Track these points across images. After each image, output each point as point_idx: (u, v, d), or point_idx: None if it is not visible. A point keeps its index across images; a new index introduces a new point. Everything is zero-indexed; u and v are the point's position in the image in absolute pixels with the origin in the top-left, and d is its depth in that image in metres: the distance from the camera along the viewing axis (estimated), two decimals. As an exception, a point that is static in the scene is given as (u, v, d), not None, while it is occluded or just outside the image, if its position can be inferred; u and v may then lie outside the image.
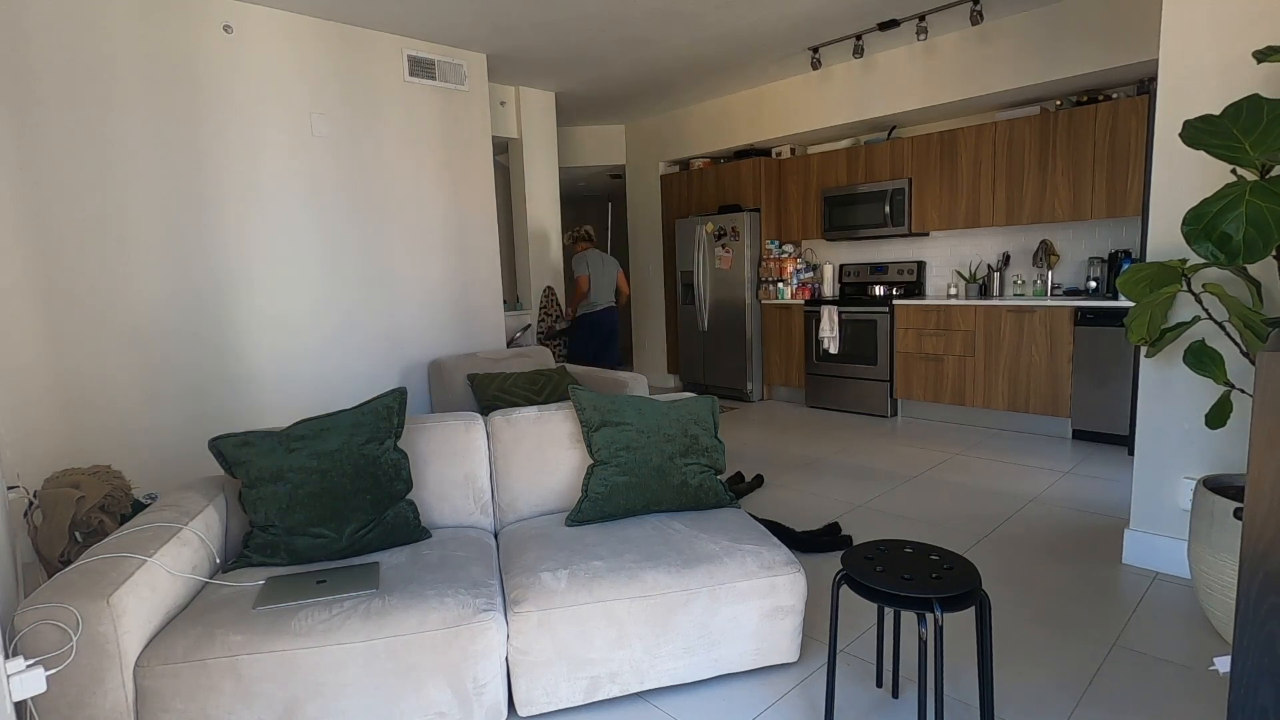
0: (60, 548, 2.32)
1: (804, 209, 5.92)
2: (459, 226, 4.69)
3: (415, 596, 1.74)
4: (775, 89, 5.73)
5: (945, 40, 4.67)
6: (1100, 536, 2.92)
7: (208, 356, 3.67)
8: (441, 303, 4.64)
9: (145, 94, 3.41)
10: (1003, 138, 4.71)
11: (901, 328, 5.14)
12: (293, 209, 3.94)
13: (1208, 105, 2.35)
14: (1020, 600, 2.41)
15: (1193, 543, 2.18)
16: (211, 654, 1.57)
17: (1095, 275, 4.52)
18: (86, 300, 3.27)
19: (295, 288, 3.97)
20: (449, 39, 4.39)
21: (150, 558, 1.65)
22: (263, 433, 2.06)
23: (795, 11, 4.16)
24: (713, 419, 2.40)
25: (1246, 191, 1.81)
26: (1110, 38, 4.01)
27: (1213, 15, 2.32)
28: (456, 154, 4.64)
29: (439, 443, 2.31)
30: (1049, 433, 4.58)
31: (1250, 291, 2.16)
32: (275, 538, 1.97)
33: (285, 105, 3.87)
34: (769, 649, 1.99)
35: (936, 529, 3.07)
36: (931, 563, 1.66)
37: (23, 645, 1.42)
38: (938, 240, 5.44)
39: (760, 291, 6.06)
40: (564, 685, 1.82)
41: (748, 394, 6.10)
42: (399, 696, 1.67)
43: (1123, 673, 1.98)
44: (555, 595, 1.81)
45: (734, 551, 1.99)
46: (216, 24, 3.61)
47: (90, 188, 3.26)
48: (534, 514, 2.37)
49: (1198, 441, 2.49)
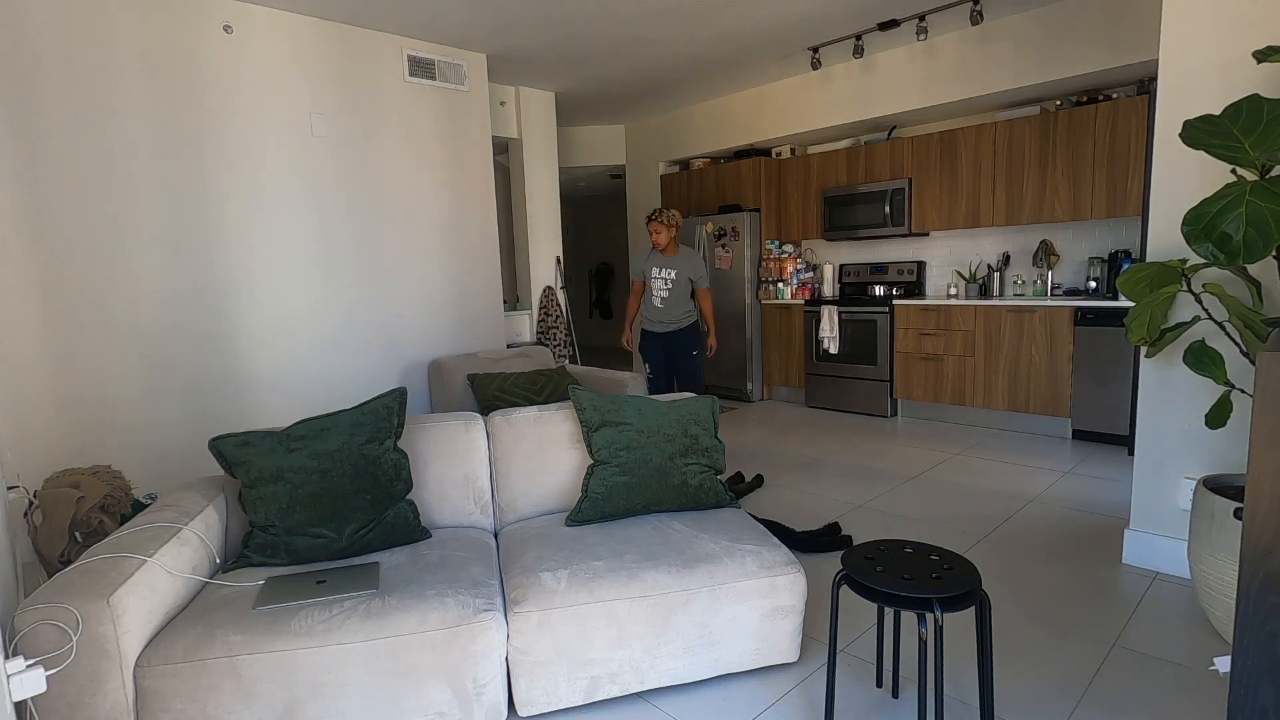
0: (60, 548, 2.32)
1: (804, 209, 5.92)
2: (459, 226, 4.69)
3: (415, 596, 1.74)
4: (775, 89, 5.73)
5: (945, 40, 4.67)
6: (1100, 536, 2.92)
7: (208, 356, 3.67)
8: (441, 302, 4.64)
9: (145, 94, 3.41)
10: (1003, 138, 4.71)
11: (901, 328, 5.14)
12: (293, 209, 3.94)
13: (1208, 105, 2.35)
14: (1020, 600, 2.41)
15: (1193, 543, 2.18)
16: (211, 654, 1.57)
17: (1095, 275, 4.52)
18: (87, 300, 3.27)
19: (295, 288, 3.97)
20: (449, 39, 4.39)
21: (150, 558, 1.65)
22: (263, 433, 2.06)
23: (795, 11, 4.16)
24: (713, 419, 2.40)
25: (1246, 191, 1.81)
26: (1110, 38, 4.01)
27: (1213, 15, 2.32)
28: (456, 154, 4.64)
29: (439, 443, 2.31)
30: (1049, 433, 4.58)
31: (1250, 291, 2.16)
32: (275, 538, 1.97)
33: (285, 105, 3.87)
34: (769, 649, 1.99)
35: (936, 529, 3.07)
36: (931, 563, 1.66)
37: (23, 645, 1.42)
38: (938, 240, 5.44)
39: (760, 291, 6.05)
40: (564, 685, 1.82)
41: (748, 394, 6.10)
42: (399, 696, 1.67)
43: (1123, 673, 1.98)
44: (555, 595, 1.81)
45: (734, 551, 1.99)
46: (216, 24, 3.61)
47: (91, 187, 3.26)
48: (534, 514, 2.37)
49: (1198, 441, 2.49)
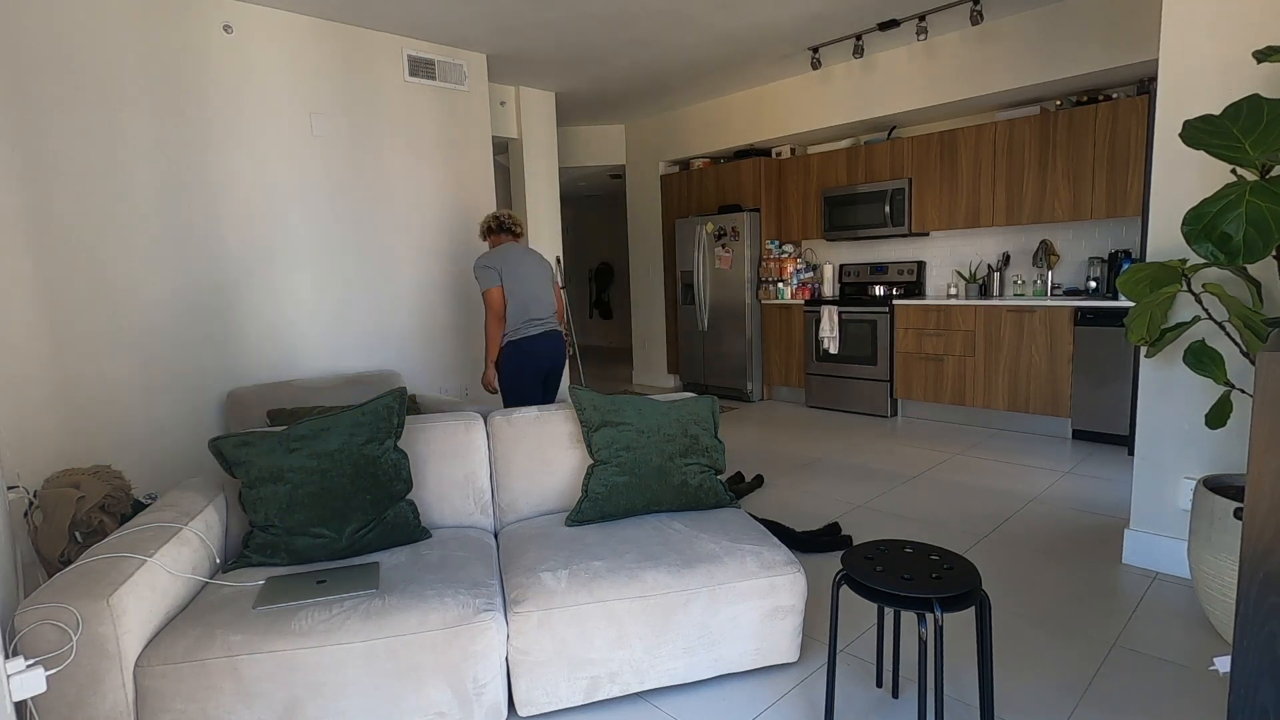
0: (60, 547, 2.32)
1: (804, 209, 5.92)
2: (459, 227, 4.69)
3: (415, 596, 1.74)
4: (775, 89, 5.73)
5: (945, 40, 4.67)
6: (1100, 536, 2.92)
7: (208, 356, 3.67)
8: (441, 303, 4.64)
9: (145, 94, 3.41)
10: (1003, 138, 4.71)
11: (901, 328, 5.14)
12: (292, 209, 3.94)
13: (1208, 105, 2.35)
14: (1020, 600, 2.41)
15: (1193, 543, 2.18)
16: (211, 654, 1.57)
17: (1095, 275, 4.52)
18: (87, 299, 3.27)
19: (295, 288, 3.97)
20: (449, 39, 4.39)
21: (150, 558, 1.65)
22: (263, 433, 2.06)
23: (795, 12, 4.16)
24: (713, 419, 2.40)
25: (1246, 191, 1.81)
26: (1110, 38, 4.01)
27: (1213, 15, 2.32)
28: (456, 154, 4.64)
29: (439, 443, 2.31)
30: (1049, 433, 4.58)
31: (1250, 291, 2.16)
32: (275, 538, 1.97)
33: (285, 105, 3.87)
34: (769, 649, 1.99)
35: (936, 529, 3.07)
36: (931, 563, 1.66)
37: (23, 645, 1.42)
38: (938, 240, 5.44)
39: (760, 291, 6.05)
40: (564, 685, 1.82)
41: (748, 394, 6.10)
42: (399, 696, 1.67)
43: (1123, 673, 1.98)
44: (555, 595, 1.81)
45: (734, 551, 1.99)
46: (217, 24, 3.61)
47: (91, 188, 3.26)
48: (534, 514, 2.37)
49: (1198, 441, 2.49)
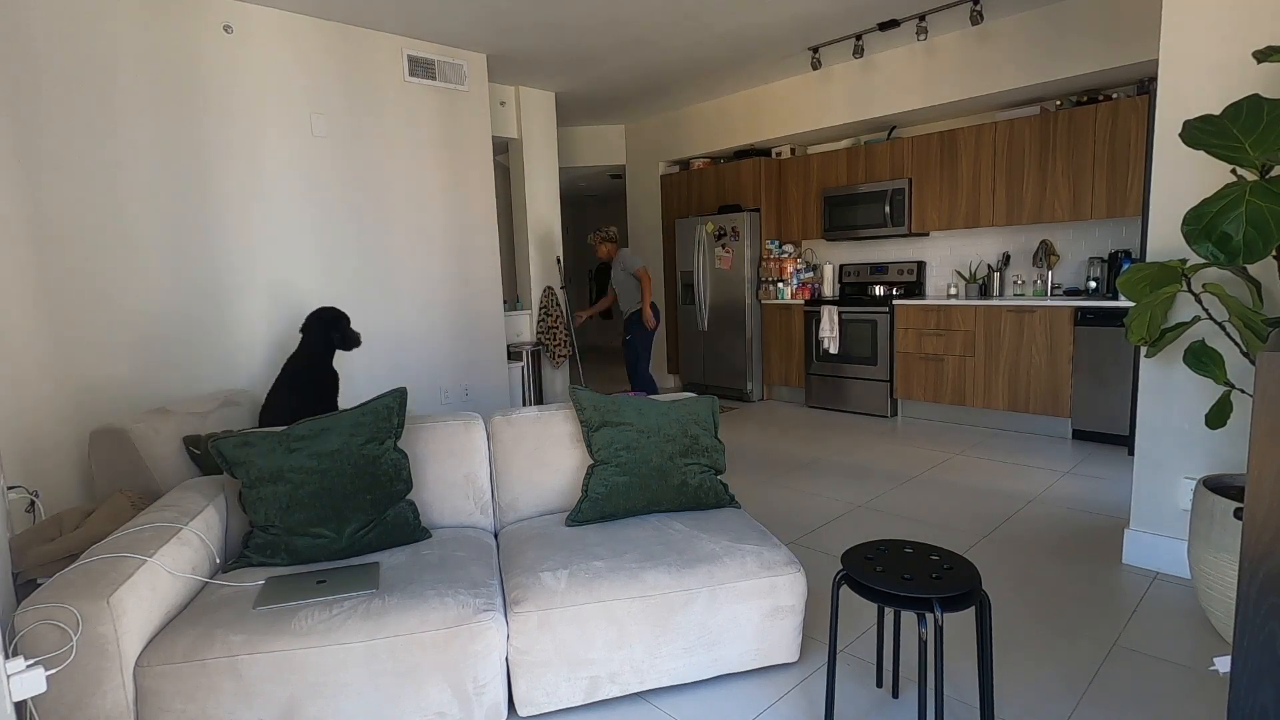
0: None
1: (804, 209, 5.92)
2: (459, 226, 4.69)
3: (415, 596, 1.74)
4: (775, 89, 5.73)
5: (945, 40, 4.67)
6: (1100, 536, 2.92)
7: (208, 355, 3.67)
8: (441, 303, 4.64)
9: (146, 94, 3.41)
10: (1003, 138, 4.71)
11: (901, 328, 5.14)
12: (293, 209, 3.94)
13: (1208, 105, 2.35)
14: (1020, 600, 2.41)
15: (1193, 543, 2.18)
16: (211, 654, 1.57)
17: (1095, 275, 4.52)
18: (87, 299, 3.28)
19: (295, 288, 3.97)
20: (449, 39, 4.40)
21: (150, 558, 1.65)
22: (263, 432, 2.06)
23: (795, 11, 4.16)
24: (713, 419, 2.40)
25: (1246, 191, 1.81)
26: (1110, 38, 4.01)
27: (1213, 15, 2.32)
28: (456, 154, 4.64)
29: (439, 443, 2.31)
30: (1049, 433, 4.58)
31: (1250, 291, 2.16)
32: (275, 538, 1.97)
33: (285, 105, 3.87)
34: (769, 649, 1.99)
35: (936, 529, 3.07)
36: (931, 563, 1.66)
37: (23, 645, 1.42)
38: (938, 240, 5.44)
39: (760, 291, 6.05)
40: (564, 685, 1.82)
41: (748, 394, 6.10)
42: (399, 696, 1.67)
43: (1123, 673, 1.98)
44: (555, 595, 1.81)
45: (734, 551, 1.99)
46: (216, 24, 3.61)
47: (91, 188, 3.26)
48: (534, 514, 2.37)
49: (1198, 441, 2.49)
